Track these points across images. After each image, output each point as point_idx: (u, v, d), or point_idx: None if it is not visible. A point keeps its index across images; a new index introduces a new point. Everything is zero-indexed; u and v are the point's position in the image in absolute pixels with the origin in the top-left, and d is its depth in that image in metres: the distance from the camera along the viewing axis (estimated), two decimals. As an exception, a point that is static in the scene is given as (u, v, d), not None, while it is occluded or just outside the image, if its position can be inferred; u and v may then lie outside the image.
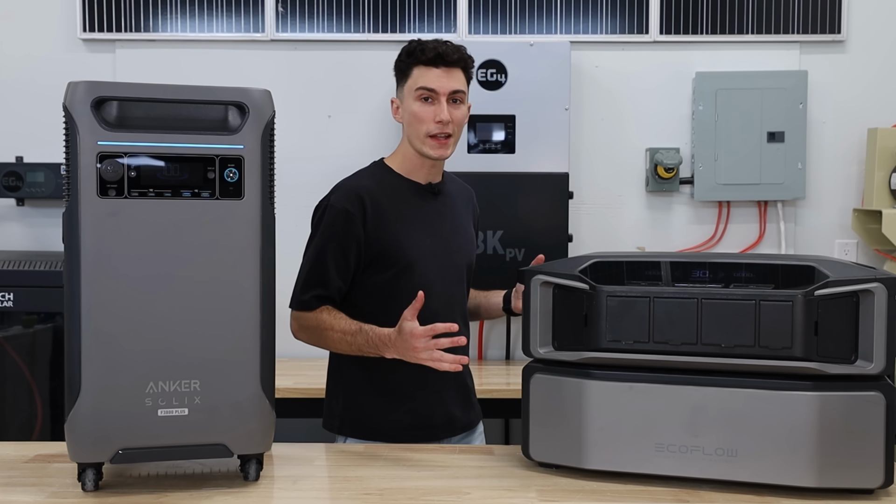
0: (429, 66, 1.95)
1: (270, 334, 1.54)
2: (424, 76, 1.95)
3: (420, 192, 2.01)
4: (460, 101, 1.99)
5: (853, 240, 3.37)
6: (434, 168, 2.02)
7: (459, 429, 2.05)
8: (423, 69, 1.95)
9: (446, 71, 1.95)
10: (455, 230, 2.06)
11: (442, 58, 1.95)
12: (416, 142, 1.97)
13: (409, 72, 1.98)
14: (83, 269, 1.43)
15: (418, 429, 1.97)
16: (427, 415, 1.99)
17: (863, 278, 1.45)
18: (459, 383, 2.05)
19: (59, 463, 1.67)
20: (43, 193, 3.28)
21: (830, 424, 1.45)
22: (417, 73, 1.96)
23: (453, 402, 2.03)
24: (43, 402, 3.10)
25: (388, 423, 1.97)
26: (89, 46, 3.36)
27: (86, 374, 1.43)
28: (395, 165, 2.03)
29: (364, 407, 1.99)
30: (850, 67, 3.35)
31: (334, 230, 1.92)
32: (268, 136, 1.51)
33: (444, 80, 1.95)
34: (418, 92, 1.95)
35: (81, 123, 1.41)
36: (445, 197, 2.07)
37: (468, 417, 2.08)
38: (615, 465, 1.55)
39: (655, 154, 3.28)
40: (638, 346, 1.52)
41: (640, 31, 3.33)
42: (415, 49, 1.96)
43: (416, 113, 1.95)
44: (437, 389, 1.99)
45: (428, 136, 1.95)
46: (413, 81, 1.96)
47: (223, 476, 1.60)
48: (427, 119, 1.94)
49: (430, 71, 1.95)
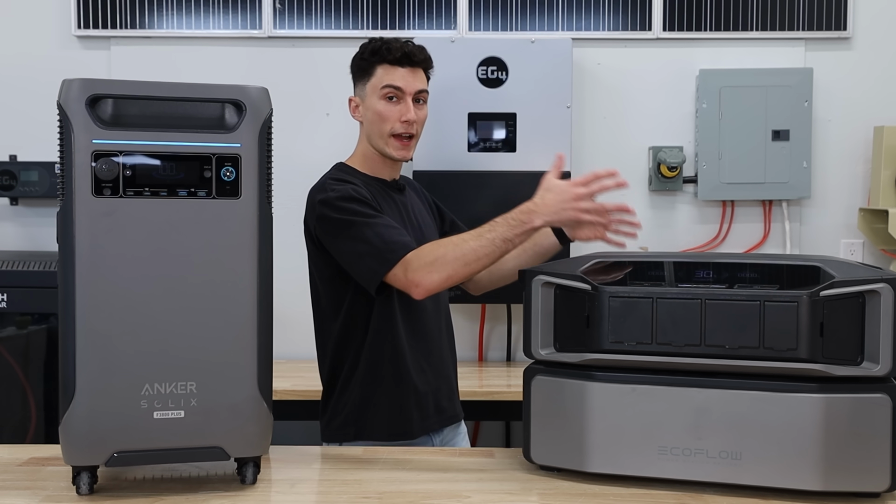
0: (394, 66, 1.97)
1: (268, 335, 1.54)
2: (390, 75, 1.97)
3: (388, 188, 2.04)
4: (423, 102, 2.01)
5: (859, 239, 3.37)
6: (395, 165, 2.06)
7: (447, 420, 2.07)
8: (388, 68, 1.97)
9: (412, 70, 1.99)
10: (422, 224, 2.10)
11: (409, 57, 1.97)
12: (379, 141, 1.99)
13: (372, 70, 1.99)
14: (78, 269, 1.43)
15: (407, 422, 1.98)
16: (420, 405, 2.00)
17: (869, 279, 1.45)
18: (443, 374, 2.07)
19: (53, 466, 1.67)
20: (37, 192, 3.28)
21: (836, 427, 1.45)
22: (382, 71, 1.98)
23: (441, 392, 2.06)
24: (37, 404, 3.10)
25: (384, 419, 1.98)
26: (84, 43, 3.36)
27: (80, 376, 1.43)
28: (357, 166, 2.04)
29: (360, 411, 1.99)
30: (856, 64, 3.35)
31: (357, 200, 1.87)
32: (265, 135, 1.51)
33: (410, 80, 1.98)
34: (385, 90, 1.96)
35: (76, 121, 1.41)
36: (408, 192, 2.11)
37: (454, 409, 2.12)
38: (618, 469, 1.55)
39: (658, 153, 3.28)
40: (641, 347, 1.52)
41: (643, 27, 3.33)
42: (380, 48, 1.98)
43: (381, 112, 1.97)
44: (429, 381, 2.02)
45: (392, 135, 1.97)
46: (378, 80, 1.98)
47: (220, 479, 1.60)
48: (392, 118, 1.96)
49: (396, 70, 1.97)
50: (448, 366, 2.11)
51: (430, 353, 2.03)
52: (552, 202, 1.68)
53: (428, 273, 1.74)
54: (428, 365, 2.02)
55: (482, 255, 1.73)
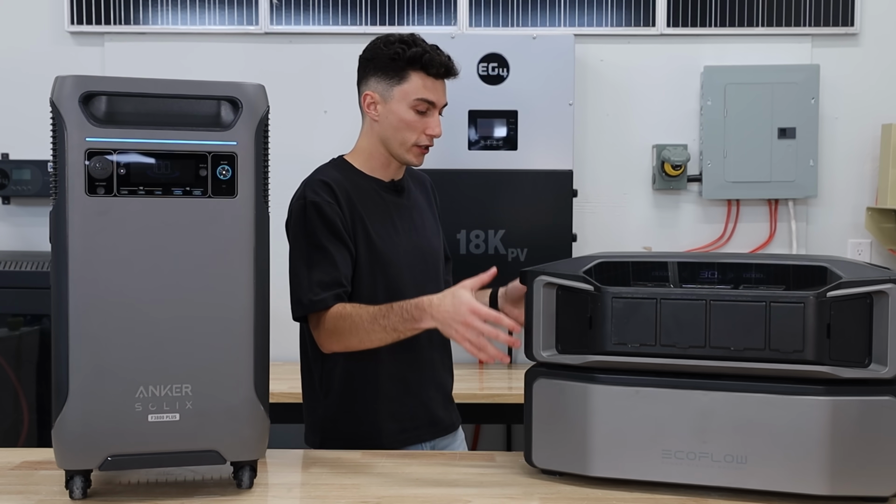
0: (433, 78, 1.95)
1: (264, 337, 1.54)
2: (428, 88, 1.94)
3: (384, 189, 2.01)
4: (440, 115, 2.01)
5: (867, 239, 3.37)
6: (400, 167, 2.04)
7: (443, 430, 2.06)
8: (426, 79, 1.94)
9: (443, 83, 1.97)
10: (422, 225, 2.07)
11: (448, 72, 1.96)
12: (398, 148, 1.97)
13: (406, 76, 1.93)
14: (71, 269, 1.42)
15: (401, 432, 1.97)
16: (409, 416, 1.99)
17: (877, 279, 1.45)
18: (438, 382, 2.06)
19: (45, 470, 1.67)
20: (29, 191, 3.29)
21: (843, 430, 1.45)
22: (420, 81, 1.93)
23: (434, 402, 2.04)
24: (29, 406, 3.10)
25: (369, 428, 1.96)
26: (77, 39, 3.36)
27: (73, 379, 1.43)
28: (357, 163, 2.01)
29: (344, 417, 1.98)
30: (863, 61, 3.36)
31: (322, 220, 1.88)
32: (262, 132, 1.51)
33: (442, 95, 1.98)
34: (418, 102, 1.93)
35: (69, 119, 1.41)
36: (407, 192, 2.08)
37: (450, 418, 2.10)
38: (621, 473, 1.55)
39: (662, 151, 3.28)
40: (644, 349, 1.52)
41: (647, 23, 3.33)
42: (421, 56, 1.92)
43: (410, 122, 1.94)
44: (417, 391, 2.00)
45: (415, 145, 1.96)
46: (413, 89, 1.93)
47: (216, 484, 1.60)
48: (419, 130, 1.95)
49: (435, 84, 1.95)
50: (441, 373, 2.08)
51: (416, 360, 2.00)
52: (445, 312, 1.67)
53: (328, 340, 1.86)
54: (413, 374, 2.00)
55: (375, 339, 1.80)
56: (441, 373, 2.07)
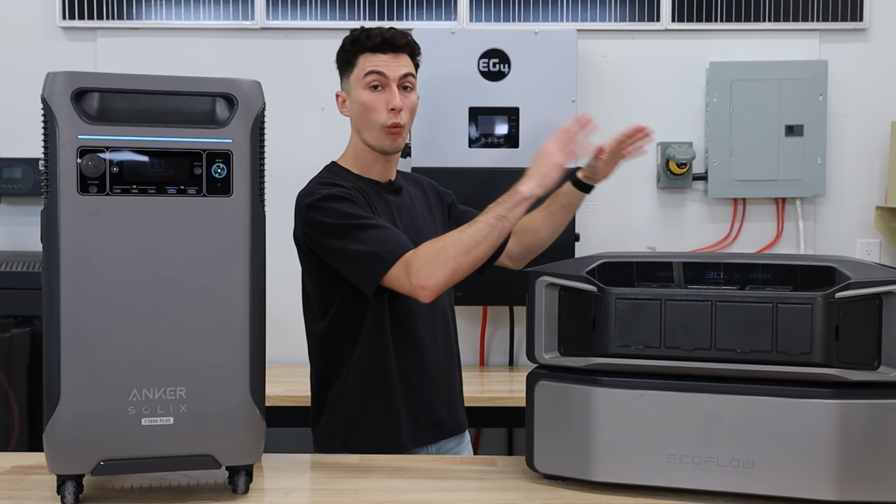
0: (375, 53, 1.97)
1: (261, 339, 1.54)
2: (372, 62, 1.96)
3: (382, 190, 2.03)
4: (411, 88, 2.01)
5: (876, 239, 3.37)
6: (388, 163, 2.04)
7: (446, 432, 2.06)
8: (369, 56, 1.97)
9: (395, 56, 1.98)
10: (424, 224, 2.08)
11: (389, 42, 1.97)
12: (369, 135, 1.98)
13: (354, 60, 1.99)
14: (62, 270, 1.42)
15: (396, 434, 1.98)
16: (414, 418, 1.99)
17: (886, 280, 1.45)
18: (441, 384, 2.06)
19: (37, 475, 1.67)
20: (20, 190, 3.29)
21: (852, 434, 1.45)
22: (364, 59, 1.98)
23: (437, 403, 2.05)
24: (20, 410, 3.10)
25: (394, 428, 1.97)
26: (69, 35, 3.36)
27: (65, 381, 1.43)
28: (349, 165, 2.04)
29: (349, 420, 1.98)
30: (872, 57, 3.36)
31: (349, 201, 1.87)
32: (258, 130, 1.51)
33: (394, 65, 1.98)
34: (368, 78, 1.96)
35: (61, 116, 1.41)
36: (406, 192, 2.09)
37: (455, 420, 2.10)
38: (624, 478, 1.55)
39: (667, 149, 3.28)
40: (649, 351, 1.52)
41: (651, 18, 3.34)
42: (359, 36, 1.98)
43: (367, 102, 1.96)
44: (420, 392, 2.00)
45: (383, 127, 1.96)
46: (360, 69, 1.98)
47: (211, 489, 1.60)
48: (379, 108, 1.96)
49: (378, 56, 1.97)
50: (446, 375, 2.09)
51: (422, 363, 2.01)
52: (534, 170, 1.77)
53: (431, 272, 1.74)
54: (418, 375, 2.01)
55: (480, 238, 1.75)
56: (445, 374, 2.08)
